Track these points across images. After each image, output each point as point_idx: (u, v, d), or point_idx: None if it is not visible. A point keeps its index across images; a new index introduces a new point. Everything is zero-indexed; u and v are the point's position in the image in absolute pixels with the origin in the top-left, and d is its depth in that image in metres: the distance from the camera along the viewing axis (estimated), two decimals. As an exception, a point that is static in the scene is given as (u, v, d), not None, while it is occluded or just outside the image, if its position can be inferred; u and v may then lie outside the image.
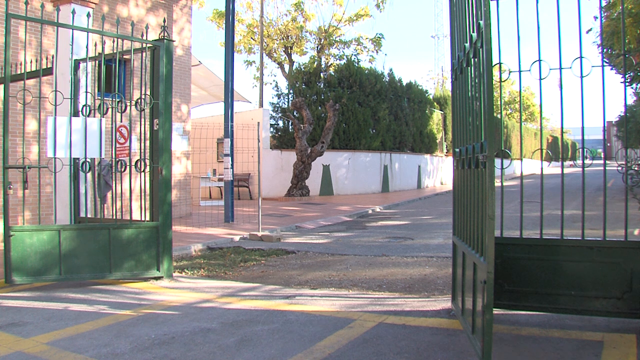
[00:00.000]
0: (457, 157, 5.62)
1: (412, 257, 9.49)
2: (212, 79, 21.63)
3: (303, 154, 22.76)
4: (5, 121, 6.74)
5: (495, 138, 4.15)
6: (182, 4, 16.77)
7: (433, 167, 33.98)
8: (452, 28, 5.93)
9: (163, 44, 7.67)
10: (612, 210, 6.75)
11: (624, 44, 5.37)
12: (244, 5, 32.31)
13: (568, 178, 5.52)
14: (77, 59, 8.33)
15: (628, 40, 17.17)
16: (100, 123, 7.61)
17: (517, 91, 57.65)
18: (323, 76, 27.32)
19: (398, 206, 20.94)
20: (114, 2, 14.45)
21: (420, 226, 14.36)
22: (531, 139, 57.45)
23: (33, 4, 11.53)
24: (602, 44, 5.53)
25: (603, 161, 5.18)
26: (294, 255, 9.96)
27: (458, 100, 5.67)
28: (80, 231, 7.18)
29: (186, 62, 16.87)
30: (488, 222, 4.06)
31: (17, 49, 11.13)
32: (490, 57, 4.10)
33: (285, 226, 13.87)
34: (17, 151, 10.73)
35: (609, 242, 4.99)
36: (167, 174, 7.65)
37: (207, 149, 21.20)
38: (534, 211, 5.93)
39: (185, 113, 16.77)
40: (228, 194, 15.07)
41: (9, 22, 6.72)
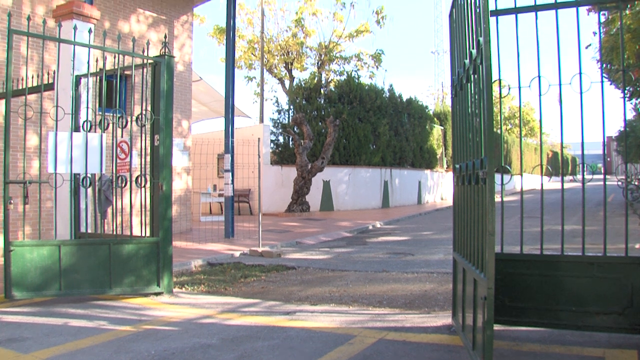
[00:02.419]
0: (457, 173, 5.62)
1: (413, 273, 9.47)
2: (213, 95, 21.68)
3: (303, 169, 22.77)
4: (7, 136, 6.75)
5: (495, 154, 4.16)
6: (183, 20, 16.85)
7: (433, 182, 33.98)
8: (452, 44, 5.96)
9: (164, 60, 7.70)
10: (613, 225, 6.75)
11: (623, 59, 5.40)
12: (245, 22, 32.45)
13: (568, 193, 5.52)
14: (79, 75, 8.37)
15: (627, 56, 17.23)
16: (101, 138, 7.63)
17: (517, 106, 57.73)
18: (323, 92, 27.37)
19: (398, 222, 20.93)
20: (115, 18, 14.52)
21: (421, 242, 14.35)
22: (531, 154, 57.46)
23: (35, 19, 11.60)
24: (602, 60, 5.55)
25: (603, 176, 5.19)
26: (295, 271, 9.94)
27: (458, 117, 5.68)
28: (81, 246, 7.18)
29: (187, 78, 16.92)
30: (488, 238, 4.06)
31: (18, 64, 11.16)
32: (490, 74, 4.11)
33: (285, 242, 13.86)
34: (17, 166, 10.74)
35: (609, 257, 4.99)
36: (167, 190, 7.66)
37: (208, 164, 21.20)
38: (535, 226, 5.92)
39: (185, 128, 16.80)
40: (228, 209, 15.07)
41: (11, 38, 6.75)
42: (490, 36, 4.16)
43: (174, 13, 16.48)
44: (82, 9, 9.19)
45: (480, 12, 4.38)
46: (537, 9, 5.17)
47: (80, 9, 9.16)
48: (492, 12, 5.03)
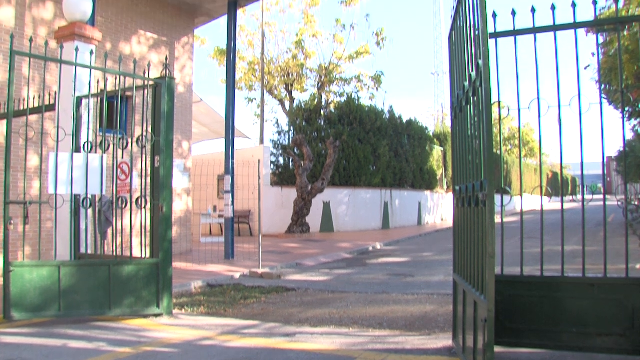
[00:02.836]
0: (457, 195, 5.64)
1: (413, 295, 9.45)
2: (213, 116, 21.74)
3: (303, 190, 22.78)
4: (8, 156, 6.77)
5: (495, 175, 4.18)
6: (184, 41, 16.94)
7: (433, 203, 33.97)
8: (452, 67, 6.00)
9: (165, 82, 7.74)
10: (613, 245, 6.74)
11: (622, 80, 5.42)
12: (245, 43, 32.63)
13: (568, 213, 5.52)
14: (80, 96, 8.40)
15: (626, 77, 17.31)
16: (101, 159, 7.65)
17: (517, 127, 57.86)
18: (324, 113, 27.46)
19: (399, 243, 20.90)
20: (116, 40, 14.60)
21: (421, 263, 14.32)
22: (531, 174, 57.51)
23: (37, 41, 11.66)
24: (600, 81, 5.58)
25: (603, 196, 5.19)
26: (295, 293, 9.91)
27: (458, 139, 5.71)
28: (80, 267, 7.17)
29: (188, 99, 16.99)
30: (488, 260, 4.07)
31: (20, 85, 11.22)
32: (489, 96, 4.14)
33: (285, 263, 13.83)
34: (18, 186, 10.75)
35: (610, 279, 4.98)
36: (167, 211, 7.66)
37: (208, 185, 21.20)
38: (535, 247, 5.92)
39: (186, 150, 16.83)
40: (228, 230, 15.05)
41: (14, 59, 6.80)
42: (489, 59, 4.19)
43: (175, 35, 16.58)
44: (84, 30, 9.24)
45: (479, 35, 4.42)
46: (535, 31, 5.20)
47: (82, 31, 9.21)
48: (491, 34, 5.06)
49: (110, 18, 14.51)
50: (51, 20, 12.77)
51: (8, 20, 11.92)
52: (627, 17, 11.02)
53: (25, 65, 11.37)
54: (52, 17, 12.80)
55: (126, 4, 15.07)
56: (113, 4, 14.62)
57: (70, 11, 9.24)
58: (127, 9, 15.07)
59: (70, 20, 9.26)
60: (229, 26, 16.06)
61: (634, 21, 6.02)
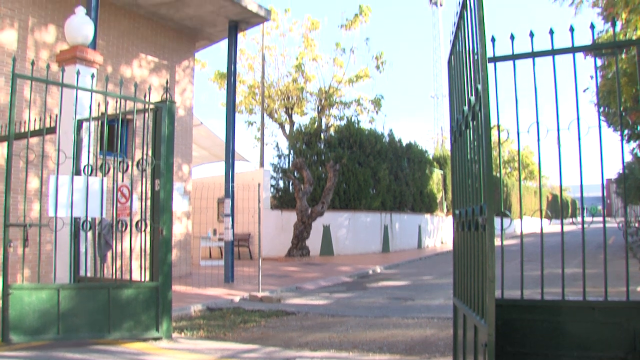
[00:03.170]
0: (457, 219, 5.64)
1: (413, 319, 9.41)
2: (213, 139, 21.79)
3: (303, 214, 22.77)
4: (8, 179, 6.78)
5: (495, 198, 4.18)
6: (184, 65, 17.04)
7: (433, 226, 33.94)
8: (451, 91, 6.03)
9: (165, 106, 7.78)
10: (613, 268, 6.72)
11: (620, 103, 5.44)
12: (246, 67, 32.77)
13: (568, 236, 5.51)
14: (81, 119, 8.43)
15: (624, 99, 17.37)
16: (101, 183, 7.66)
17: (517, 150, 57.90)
18: (323, 137, 27.53)
19: (398, 266, 20.85)
20: (117, 63, 14.69)
21: (421, 287, 14.28)
22: (531, 197, 57.50)
23: (39, 64, 11.73)
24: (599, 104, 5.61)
25: (602, 219, 5.19)
26: (294, 317, 9.88)
27: (457, 163, 5.72)
28: (80, 290, 7.15)
29: (188, 123, 17.05)
30: (488, 284, 4.06)
31: (21, 108, 11.27)
32: (488, 121, 4.15)
33: (285, 287, 13.79)
34: (18, 208, 10.76)
35: (611, 302, 4.97)
36: (167, 234, 7.66)
37: (208, 208, 21.20)
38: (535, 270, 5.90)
39: (186, 173, 16.86)
40: (228, 254, 15.03)
41: (15, 82, 6.83)
42: (488, 83, 4.21)
43: (175, 58, 16.68)
44: (85, 53, 9.30)
45: (478, 59, 4.44)
46: (534, 55, 5.23)
47: (84, 54, 9.27)
48: (490, 58, 5.08)
49: (112, 41, 14.61)
50: (53, 43, 12.86)
51: (10, 43, 12.00)
52: (625, 41, 11.08)
53: (27, 88, 11.43)
54: (54, 40, 12.89)
55: (127, 27, 15.18)
56: (114, 28, 14.73)
57: (71, 35, 9.31)
58: (128, 32, 15.18)
59: (71, 43, 9.32)
60: (229, 50, 16.16)
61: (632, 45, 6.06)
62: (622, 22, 16.60)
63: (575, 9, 17.75)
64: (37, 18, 12.68)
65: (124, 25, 15.09)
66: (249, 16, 16.04)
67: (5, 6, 12.02)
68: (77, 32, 9.33)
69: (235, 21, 16.21)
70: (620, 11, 16.19)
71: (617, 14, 16.11)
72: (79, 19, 9.39)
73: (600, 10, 18.28)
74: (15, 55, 10.87)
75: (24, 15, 12.41)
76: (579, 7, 17.71)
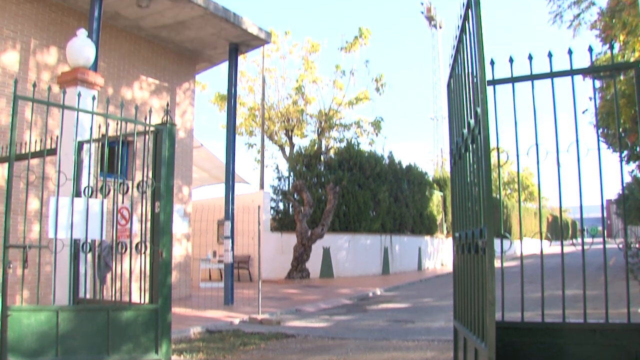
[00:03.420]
0: (457, 241, 5.64)
1: (414, 341, 9.38)
2: (214, 161, 21.82)
3: (303, 236, 22.75)
4: (8, 200, 6.78)
5: (495, 219, 4.19)
6: (185, 87, 17.12)
7: (433, 248, 33.88)
8: (450, 114, 6.06)
9: (166, 128, 7.80)
10: (614, 289, 6.70)
11: (619, 125, 5.47)
12: (246, 89, 32.84)
13: (569, 257, 5.51)
14: (81, 140, 8.45)
15: (623, 120, 17.45)
16: (102, 204, 7.66)
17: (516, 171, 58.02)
18: (323, 159, 27.58)
19: (399, 288, 20.79)
20: (118, 85, 14.76)
21: (422, 309, 14.23)
22: (531, 218, 57.45)
23: (40, 85, 11.78)
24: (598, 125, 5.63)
25: (603, 240, 5.19)
26: (294, 339, 9.84)
27: (457, 185, 5.73)
28: (79, 312, 7.12)
29: (188, 145, 17.09)
30: (489, 307, 4.05)
31: (22, 129, 11.31)
32: (488, 144, 4.17)
33: (285, 309, 13.74)
34: (18, 229, 10.75)
35: (612, 324, 4.95)
36: (167, 257, 7.64)
37: (208, 231, 21.18)
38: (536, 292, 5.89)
39: (186, 195, 16.86)
40: (228, 276, 14.99)
41: (16, 104, 6.85)
42: (487, 106, 4.23)
43: (176, 80, 16.76)
44: (87, 76, 9.34)
45: (477, 82, 4.47)
46: (533, 78, 5.26)
47: (85, 76, 9.30)
48: (489, 81, 5.12)
49: (113, 63, 14.70)
50: (54, 65, 12.94)
51: (12, 65, 12.08)
52: (623, 63, 11.16)
53: (28, 109, 11.48)
54: (55, 62, 12.97)
55: (128, 49, 15.27)
56: (115, 50, 14.82)
57: (73, 57, 9.35)
58: (129, 54, 15.27)
59: (73, 65, 9.36)
60: (229, 72, 16.25)
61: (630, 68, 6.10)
62: (620, 44, 16.74)
63: (574, 31, 17.92)
64: (39, 40, 12.77)
65: (125, 47, 15.18)
66: (249, 39, 16.15)
67: (8, 28, 12.12)
68: (79, 54, 9.37)
69: (235, 44, 16.31)
70: (618, 33, 16.33)
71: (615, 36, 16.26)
72: (81, 41, 9.43)
73: (599, 32, 18.46)
74: (17, 77, 10.92)
75: (26, 37, 12.51)
76: (577, 30, 17.88)
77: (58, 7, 13.32)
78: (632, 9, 14.67)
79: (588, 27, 18.39)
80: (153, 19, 14.72)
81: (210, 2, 14.28)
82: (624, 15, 15.62)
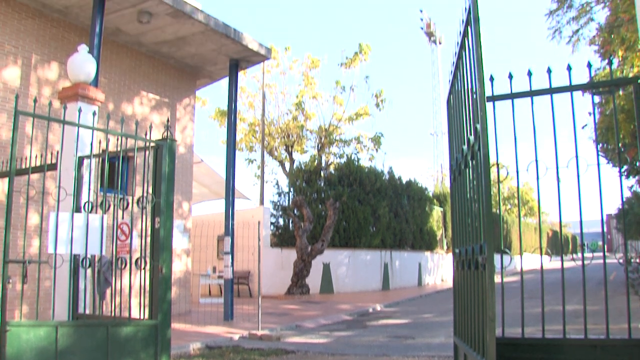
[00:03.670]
0: (457, 257, 5.64)
1: (414, 357, 9.35)
2: (214, 177, 21.83)
3: (303, 252, 22.73)
4: (8, 215, 6.77)
5: (495, 234, 4.19)
6: (185, 102, 17.16)
7: (434, 264, 33.83)
8: (450, 130, 6.07)
9: (166, 144, 7.81)
10: (615, 304, 6.69)
11: (618, 140, 5.48)
12: (246, 104, 32.88)
13: (569, 272, 5.50)
14: (82, 156, 8.46)
15: (622, 136, 17.48)
16: (102, 220, 7.66)
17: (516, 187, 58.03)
18: (323, 174, 27.60)
19: (399, 304, 20.73)
20: (119, 100, 14.80)
21: (422, 325, 14.19)
22: (531, 233, 57.38)
23: (41, 100, 11.83)
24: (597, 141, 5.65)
25: (603, 255, 5.18)
26: (294, 355, 9.80)
27: (457, 202, 5.74)
28: (78, 328, 7.10)
29: (188, 160, 17.11)
30: (489, 323, 4.04)
31: (23, 144, 11.33)
32: (487, 161, 4.18)
33: (285, 325, 13.70)
34: (17, 244, 10.74)
35: (613, 340, 4.94)
36: (167, 272, 7.63)
37: (208, 246, 21.16)
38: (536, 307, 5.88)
39: (186, 210, 16.86)
40: (228, 291, 14.96)
41: (17, 119, 6.86)
42: (487, 123, 4.25)
43: (176, 96, 16.81)
44: (87, 91, 9.37)
45: (477, 99, 4.49)
46: (532, 94, 5.28)
47: (85, 92, 9.34)
48: (489, 97, 5.13)
49: (113, 79, 14.75)
50: (55, 80, 12.99)
51: (13, 80, 12.13)
52: (621, 79, 11.19)
53: (29, 125, 11.52)
54: (56, 77, 13.02)
55: (129, 65, 15.33)
56: (116, 65, 14.88)
57: (74, 72, 9.39)
58: (130, 70, 15.33)
59: (74, 80, 9.40)
60: (229, 88, 16.30)
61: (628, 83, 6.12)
62: (619, 59, 16.81)
63: (573, 46, 18.00)
64: (40, 55, 12.83)
65: (126, 63, 15.24)
66: (249, 55, 16.21)
67: (9, 43, 12.18)
68: (80, 69, 9.41)
69: (236, 59, 16.37)
70: (617, 49, 16.40)
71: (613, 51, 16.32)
72: (82, 56, 9.47)
73: (597, 47, 18.53)
74: (18, 92, 10.95)
75: (27, 52, 12.56)
76: (576, 45, 17.96)
77: (59, 22, 13.39)
78: (631, 25, 14.73)
79: (587, 42, 18.48)
80: (154, 35, 14.79)
81: (210, 18, 14.36)
82: (622, 31, 15.69)
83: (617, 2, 15.67)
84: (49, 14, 13.15)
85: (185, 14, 13.62)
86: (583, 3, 17.10)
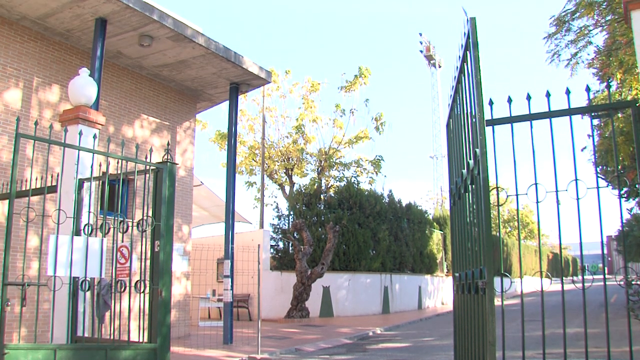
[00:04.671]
0: (457, 281, 5.64)
1: (414, 381, 9.29)
2: (214, 200, 21.83)
3: (303, 275, 22.66)
4: (8, 237, 6.77)
5: (495, 257, 4.19)
6: (185, 126, 17.21)
7: (434, 287, 33.71)
8: (450, 154, 6.10)
9: (166, 167, 7.83)
10: (616, 327, 6.67)
11: (617, 162, 5.50)
12: (246, 127, 32.94)
13: (569, 295, 5.50)
14: (82, 178, 8.48)
15: (622, 158, 17.51)
16: (101, 243, 7.66)
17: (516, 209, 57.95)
18: (323, 198, 27.59)
19: (399, 328, 20.64)
20: (119, 123, 14.85)
21: (422, 348, 14.12)
22: (532, 256, 57.21)
23: (42, 123, 11.88)
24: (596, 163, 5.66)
25: (603, 278, 5.18)
26: (294, 378, 9.75)
27: (457, 225, 5.75)
28: (77, 351, 7.07)
29: (188, 183, 17.12)
30: (489, 348, 4.04)
31: (23, 166, 11.35)
32: (487, 185, 4.20)
33: (284, 348, 13.62)
34: (17, 266, 10.72)
35: (613, 364, 4.92)
36: (166, 296, 7.62)
37: (207, 269, 21.11)
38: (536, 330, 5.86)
39: (186, 233, 16.84)
40: (227, 315, 14.90)
41: (18, 141, 6.89)
42: (486, 147, 4.27)
43: (176, 119, 16.86)
44: (88, 114, 9.42)
45: (476, 123, 4.51)
46: (531, 118, 5.31)
47: (86, 115, 9.39)
48: (488, 121, 5.16)
49: (114, 102, 14.81)
50: (56, 103, 13.05)
51: (15, 102, 12.18)
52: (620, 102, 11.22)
53: (29, 147, 11.54)
54: (57, 100, 13.08)
55: (130, 88, 15.40)
56: (117, 88, 14.95)
57: (75, 95, 9.44)
58: (130, 93, 15.40)
59: (75, 103, 9.45)
60: (230, 111, 16.37)
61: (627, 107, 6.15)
62: (617, 82, 16.89)
63: (571, 70, 18.06)
64: (41, 78, 12.90)
65: (126, 85, 15.31)
66: (250, 78, 16.29)
67: (11, 66, 12.26)
68: (81, 92, 9.47)
69: (236, 83, 16.46)
70: (615, 72, 16.48)
71: (612, 74, 16.40)
72: (83, 80, 9.53)
73: (596, 70, 18.63)
74: (19, 114, 11.02)
75: (29, 75, 12.63)
76: (574, 68, 18.02)
77: (61, 45, 13.48)
78: (629, 48, 14.81)
79: (585, 65, 18.56)
80: (155, 58, 14.88)
81: (211, 41, 14.45)
82: (620, 54, 15.77)
83: (614, 25, 15.76)
84: (51, 37, 13.24)
85: (186, 37, 13.71)
86: (581, 26, 17.18)
